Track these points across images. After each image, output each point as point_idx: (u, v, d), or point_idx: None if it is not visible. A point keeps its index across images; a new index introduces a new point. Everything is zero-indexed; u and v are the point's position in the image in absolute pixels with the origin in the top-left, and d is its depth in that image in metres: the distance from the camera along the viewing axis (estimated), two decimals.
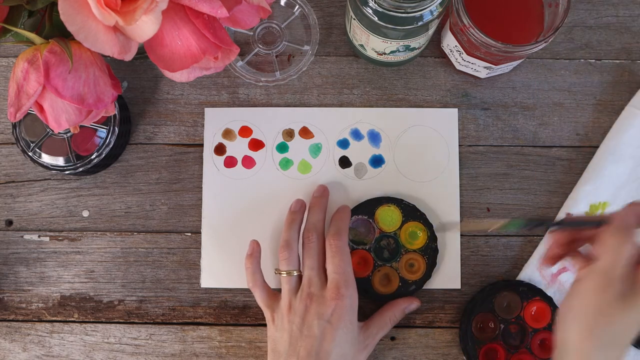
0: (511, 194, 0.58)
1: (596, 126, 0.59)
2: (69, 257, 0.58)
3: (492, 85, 0.59)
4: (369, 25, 0.50)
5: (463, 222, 0.57)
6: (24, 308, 0.58)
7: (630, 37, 0.60)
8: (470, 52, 0.53)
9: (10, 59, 0.61)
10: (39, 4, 0.42)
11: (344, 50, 0.60)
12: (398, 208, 0.57)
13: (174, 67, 0.41)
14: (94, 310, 0.58)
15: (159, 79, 0.60)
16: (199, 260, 0.58)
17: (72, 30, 0.37)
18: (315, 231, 0.53)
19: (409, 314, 0.57)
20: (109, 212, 0.59)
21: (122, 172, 0.59)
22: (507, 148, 0.59)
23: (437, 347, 0.57)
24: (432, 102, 0.59)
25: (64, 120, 0.43)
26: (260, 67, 0.60)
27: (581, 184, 0.57)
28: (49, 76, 0.41)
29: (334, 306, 0.50)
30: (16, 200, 0.59)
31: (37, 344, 0.57)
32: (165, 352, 0.57)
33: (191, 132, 0.60)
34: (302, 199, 0.57)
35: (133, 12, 0.36)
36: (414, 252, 0.57)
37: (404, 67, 0.60)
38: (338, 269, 0.51)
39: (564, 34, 0.60)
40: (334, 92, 0.60)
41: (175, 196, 0.59)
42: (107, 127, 0.56)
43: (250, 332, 0.57)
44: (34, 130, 0.56)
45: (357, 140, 0.59)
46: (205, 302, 0.58)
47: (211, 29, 0.41)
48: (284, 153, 0.59)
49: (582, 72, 0.60)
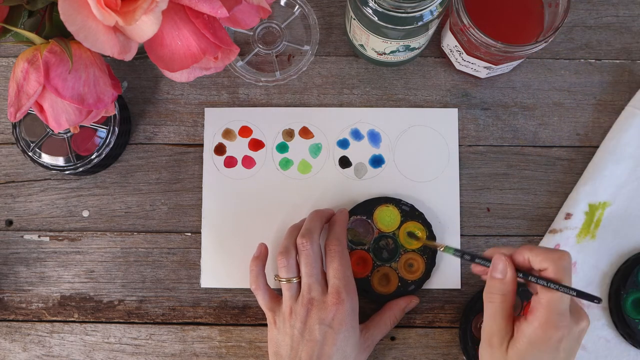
0: (511, 194, 0.58)
1: (596, 126, 0.59)
2: (69, 257, 0.58)
3: (492, 85, 0.59)
4: (369, 25, 0.50)
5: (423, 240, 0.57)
6: (24, 308, 0.58)
7: (630, 37, 0.60)
8: (470, 52, 0.53)
9: (10, 59, 0.61)
10: (39, 4, 0.42)
11: (344, 50, 0.60)
12: (396, 208, 0.57)
13: (174, 67, 0.41)
14: (94, 310, 0.58)
15: (159, 79, 0.60)
16: (199, 260, 0.58)
17: (72, 30, 0.37)
18: (309, 237, 0.52)
19: (409, 313, 0.57)
20: (109, 212, 0.59)
21: (122, 172, 0.59)
22: (507, 148, 0.59)
23: (437, 347, 0.57)
24: (432, 102, 0.59)
25: (64, 120, 0.43)
26: (260, 67, 0.60)
27: (581, 184, 0.57)
28: (49, 76, 0.41)
29: (335, 311, 0.50)
30: (16, 200, 0.59)
31: (37, 344, 0.57)
32: (165, 352, 0.57)
33: (191, 132, 0.60)
34: None
35: (133, 12, 0.36)
36: (413, 252, 0.57)
37: (404, 67, 0.60)
38: (338, 273, 0.51)
39: (564, 34, 0.60)
40: (334, 92, 0.60)
41: (175, 196, 0.59)
42: (107, 127, 0.56)
43: (250, 332, 0.57)
44: (34, 130, 0.56)
45: (357, 140, 0.59)
46: (205, 302, 0.58)
47: (211, 29, 0.41)
48: (284, 153, 0.59)
49: (582, 72, 0.60)
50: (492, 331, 0.45)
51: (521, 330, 0.43)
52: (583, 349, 0.56)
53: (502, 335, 0.44)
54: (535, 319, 0.43)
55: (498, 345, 0.44)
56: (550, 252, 0.43)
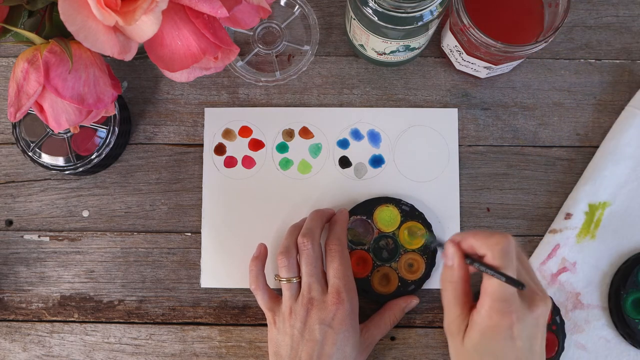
0: (511, 194, 0.58)
1: (596, 126, 0.59)
2: (69, 257, 0.58)
3: (492, 85, 0.59)
4: (369, 25, 0.50)
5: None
6: (24, 308, 0.58)
7: (630, 37, 0.60)
8: (470, 52, 0.53)
9: (10, 59, 0.61)
10: (39, 4, 0.42)
11: (344, 50, 0.60)
12: (396, 208, 0.57)
13: (174, 67, 0.41)
14: (94, 310, 0.58)
15: (159, 79, 0.60)
16: (199, 260, 0.58)
17: (72, 30, 0.37)
18: (310, 237, 0.52)
19: (409, 313, 0.57)
20: (109, 212, 0.59)
21: (122, 172, 0.59)
22: (507, 148, 0.59)
23: (437, 347, 0.57)
24: (432, 102, 0.59)
25: (64, 120, 0.43)
26: (260, 67, 0.60)
27: (581, 184, 0.57)
28: (49, 76, 0.41)
29: (335, 311, 0.50)
30: (16, 200, 0.59)
31: (37, 344, 0.57)
32: (165, 352, 0.57)
33: (191, 132, 0.60)
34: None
35: (133, 12, 0.36)
36: (413, 252, 0.57)
37: (404, 67, 0.60)
38: (338, 273, 0.51)
39: (564, 34, 0.60)
40: (334, 92, 0.60)
41: (175, 196, 0.59)
42: (107, 127, 0.56)
43: (250, 332, 0.57)
44: (34, 130, 0.56)
45: (357, 140, 0.59)
46: (205, 302, 0.58)
47: (211, 29, 0.41)
48: (284, 153, 0.59)
49: (582, 72, 0.60)
50: (449, 319, 0.45)
51: (473, 319, 0.43)
52: (583, 349, 0.56)
53: (458, 324, 0.44)
54: (482, 306, 0.42)
55: (456, 334, 0.44)
56: (489, 237, 0.43)
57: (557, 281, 0.57)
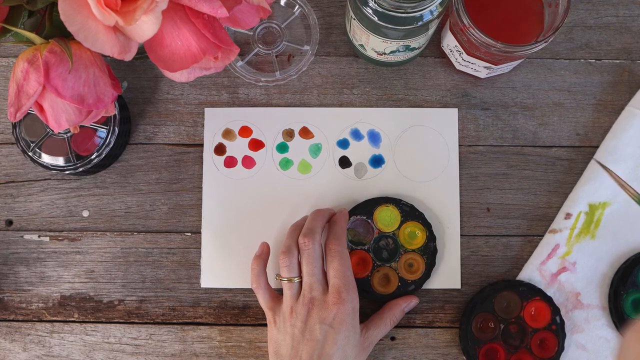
0: (511, 194, 0.58)
1: (596, 126, 0.59)
2: (69, 257, 0.58)
3: (492, 85, 0.59)
4: (369, 25, 0.50)
5: None
6: (24, 308, 0.58)
7: (630, 37, 0.60)
8: (470, 52, 0.53)
9: (10, 59, 0.61)
10: (39, 4, 0.42)
11: (344, 50, 0.60)
12: (396, 208, 0.57)
13: (174, 67, 0.41)
14: (94, 310, 0.58)
15: (159, 79, 0.60)
16: (199, 260, 0.58)
17: (72, 30, 0.37)
18: (311, 237, 0.52)
19: (409, 313, 0.57)
20: (109, 212, 0.59)
21: (122, 172, 0.59)
22: (507, 148, 0.59)
23: (437, 347, 0.57)
24: (432, 102, 0.59)
25: (64, 120, 0.43)
26: (260, 67, 0.60)
27: (581, 183, 0.57)
28: (49, 76, 0.41)
29: (335, 310, 0.50)
30: (16, 200, 0.59)
31: (37, 344, 0.57)
32: (165, 352, 0.57)
33: (191, 132, 0.60)
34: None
35: (133, 12, 0.36)
36: (413, 252, 0.57)
37: (404, 67, 0.60)
38: (338, 273, 0.51)
39: (564, 34, 0.60)
40: (334, 92, 0.60)
41: (175, 196, 0.59)
42: (107, 127, 0.56)
43: (250, 332, 0.57)
44: (34, 130, 0.56)
45: (357, 140, 0.59)
46: (205, 302, 0.58)
47: (211, 29, 0.41)
48: (284, 153, 0.59)
49: (582, 72, 0.60)
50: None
51: None
52: (583, 349, 0.56)
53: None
54: None
55: None
56: None
57: (557, 281, 0.57)
